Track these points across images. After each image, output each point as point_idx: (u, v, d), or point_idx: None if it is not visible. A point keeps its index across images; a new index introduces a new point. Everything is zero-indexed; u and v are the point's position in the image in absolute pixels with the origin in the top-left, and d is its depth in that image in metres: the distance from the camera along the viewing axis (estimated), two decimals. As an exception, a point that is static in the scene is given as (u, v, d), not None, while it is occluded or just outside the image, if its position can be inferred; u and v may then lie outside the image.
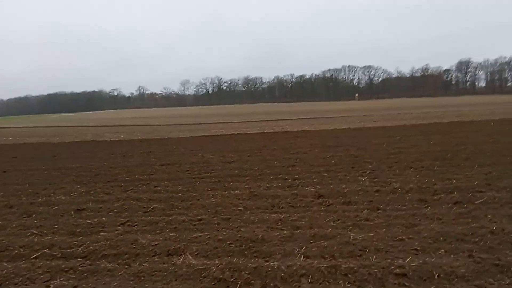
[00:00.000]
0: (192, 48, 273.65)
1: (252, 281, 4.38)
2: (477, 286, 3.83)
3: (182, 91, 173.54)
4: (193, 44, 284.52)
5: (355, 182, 9.06)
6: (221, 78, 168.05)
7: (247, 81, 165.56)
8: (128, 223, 6.87)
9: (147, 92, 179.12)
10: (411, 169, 10.30)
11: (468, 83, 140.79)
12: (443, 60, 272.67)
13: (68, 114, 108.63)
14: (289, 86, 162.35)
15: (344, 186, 8.69)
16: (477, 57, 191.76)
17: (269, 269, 4.55)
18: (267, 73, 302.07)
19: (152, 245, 5.66)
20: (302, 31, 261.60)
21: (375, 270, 4.35)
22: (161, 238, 5.91)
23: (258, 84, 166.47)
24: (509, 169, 9.47)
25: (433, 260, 4.51)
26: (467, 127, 21.21)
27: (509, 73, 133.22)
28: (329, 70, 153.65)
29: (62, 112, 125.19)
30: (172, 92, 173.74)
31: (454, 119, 27.30)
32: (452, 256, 4.65)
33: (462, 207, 6.70)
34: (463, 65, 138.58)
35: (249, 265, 4.67)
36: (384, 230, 5.77)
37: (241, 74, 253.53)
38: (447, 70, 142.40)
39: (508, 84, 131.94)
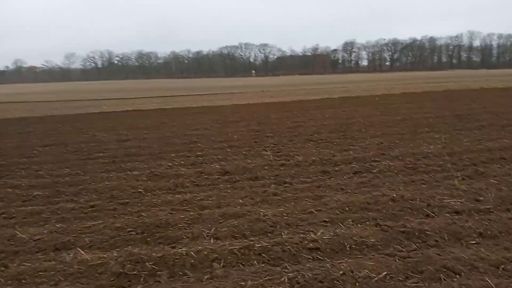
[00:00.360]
0: (77, 18, 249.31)
1: (158, 272, 3.90)
2: (388, 255, 3.88)
3: (67, 64, 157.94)
4: (78, 14, 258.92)
5: (260, 157, 8.95)
6: (111, 52, 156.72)
7: (140, 55, 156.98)
8: (4, 215, 5.81)
9: (25, 65, 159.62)
10: (311, 142, 10.56)
11: (353, 62, 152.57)
12: (331, 40, 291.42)
13: None
14: (186, 61, 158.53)
15: (249, 161, 8.51)
16: (361, 39, 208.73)
17: (176, 257, 4.10)
18: (162, 48, 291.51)
19: (35, 240, 4.80)
20: (197, 6, 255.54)
21: (289, 247, 4.18)
22: (45, 231, 5.05)
23: (153, 59, 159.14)
24: (397, 139, 10.23)
25: (343, 231, 4.50)
26: (355, 102, 22.75)
27: (388, 53, 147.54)
28: (226, 47, 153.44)
29: None
30: (56, 66, 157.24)
31: (343, 95, 29.14)
32: (359, 225, 4.70)
33: (361, 176, 6.96)
34: (348, 46, 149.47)
35: (154, 254, 4.16)
36: (293, 203, 5.69)
37: (134, 48, 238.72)
38: (334, 50, 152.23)
39: (387, 63, 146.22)
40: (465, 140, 9.62)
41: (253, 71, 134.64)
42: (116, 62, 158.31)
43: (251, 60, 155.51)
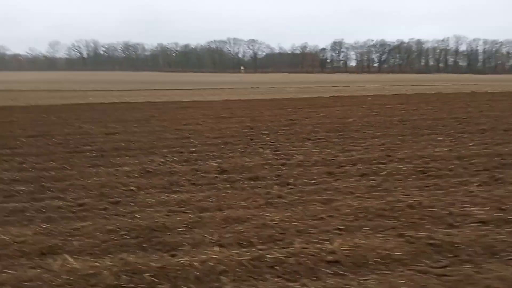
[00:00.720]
0: (61, 5, 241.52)
1: (159, 286, 3.42)
2: (420, 272, 3.47)
3: (52, 53, 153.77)
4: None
5: (257, 155, 8.51)
6: (97, 41, 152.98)
7: (127, 46, 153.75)
8: (-18, 212, 5.24)
9: (9, 53, 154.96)
10: (309, 141, 10.18)
11: (341, 62, 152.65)
12: (319, 39, 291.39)
13: None
14: (174, 55, 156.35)
15: (247, 159, 8.06)
16: (349, 39, 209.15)
17: (178, 267, 3.64)
18: (150, 40, 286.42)
19: (18, 242, 4.29)
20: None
21: (305, 259, 3.75)
22: (29, 232, 4.53)
23: (140, 51, 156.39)
24: (400, 140, 9.90)
25: (362, 241, 4.08)
26: (348, 102, 22.41)
27: (376, 55, 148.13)
28: (214, 41, 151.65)
29: None
30: (40, 54, 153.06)
31: (335, 94, 28.84)
32: (379, 235, 4.29)
33: (370, 179, 6.57)
34: (337, 45, 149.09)
35: (152, 264, 3.68)
36: (300, 208, 5.26)
37: (120, 38, 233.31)
38: (323, 49, 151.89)
39: (375, 65, 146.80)
40: (470, 143, 9.31)
41: (242, 68, 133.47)
42: (102, 52, 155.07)
43: (240, 56, 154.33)
